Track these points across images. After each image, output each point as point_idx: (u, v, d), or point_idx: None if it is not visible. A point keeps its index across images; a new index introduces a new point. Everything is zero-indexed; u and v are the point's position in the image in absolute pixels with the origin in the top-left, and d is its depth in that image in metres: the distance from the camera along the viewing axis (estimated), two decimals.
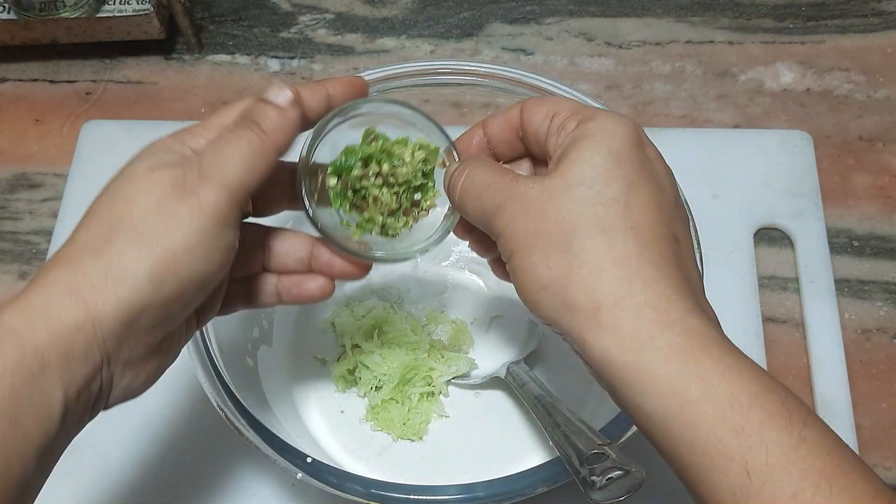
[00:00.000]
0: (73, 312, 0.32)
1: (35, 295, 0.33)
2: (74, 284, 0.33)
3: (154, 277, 0.33)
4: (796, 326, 0.60)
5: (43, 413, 0.32)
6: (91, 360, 0.33)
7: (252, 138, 0.36)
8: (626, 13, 0.76)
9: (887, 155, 0.67)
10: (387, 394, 0.55)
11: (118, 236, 0.34)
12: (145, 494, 0.55)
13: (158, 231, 0.33)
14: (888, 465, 0.55)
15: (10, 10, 0.70)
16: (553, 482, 0.43)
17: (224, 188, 0.34)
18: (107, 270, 0.33)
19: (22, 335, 0.32)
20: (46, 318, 0.32)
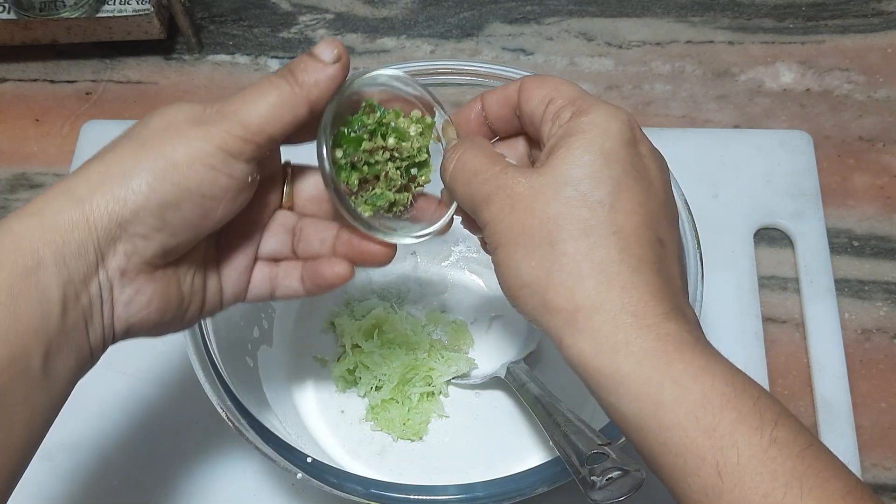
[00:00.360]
0: (68, 210, 0.33)
1: (35, 201, 0.34)
2: (72, 185, 0.34)
3: (150, 180, 0.34)
4: (796, 326, 0.60)
5: (42, 309, 0.32)
6: (86, 258, 0.34)
7: (283, 87, 0.36)
8: (626, 13, 0.76)
9: (887, 155, 0.67)
10: (387, 394, 0.55)
11: (124, 145, 0.35)
12: (145, 494, 0.55)
13: (162, 143, 0.34)
14: (888, 465, 0.55)
15: (10, 10, 0.70)
16: (553, 482, 0.43)
17: (239, 124, 0.35)
18: (105, 172, 0.34)
19: (17, 233, 0.33)
20: (41, 217, 0.33)
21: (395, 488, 0.43)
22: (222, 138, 0.35)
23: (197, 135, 0.35)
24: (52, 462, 0.55)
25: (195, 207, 0.35)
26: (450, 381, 0.56)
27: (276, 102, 0.36)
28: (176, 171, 0.34)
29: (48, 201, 0.34)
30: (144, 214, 0.34)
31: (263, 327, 0.56)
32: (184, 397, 0.57)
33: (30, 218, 0.33)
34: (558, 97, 0.37)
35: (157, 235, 0.35)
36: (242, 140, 0.35)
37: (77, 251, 0.33)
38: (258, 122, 0.35)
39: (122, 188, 0.34)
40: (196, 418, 0.56)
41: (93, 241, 0.33)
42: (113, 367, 0.59)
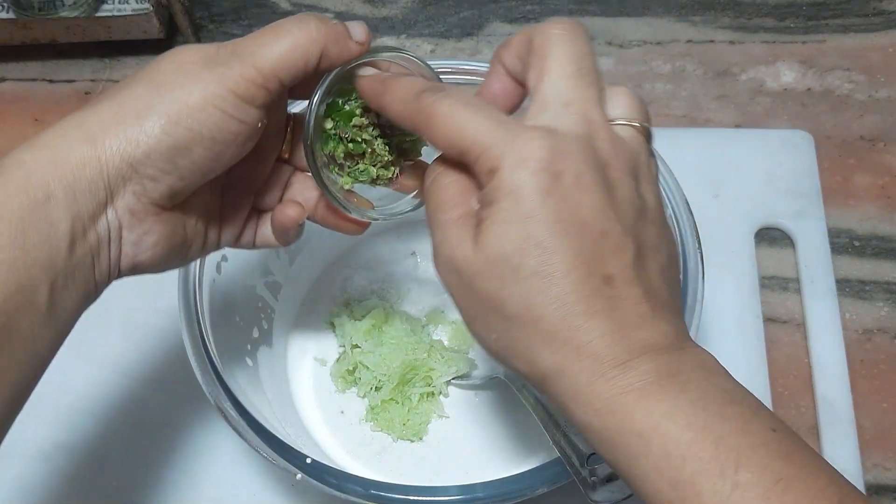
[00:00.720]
0: (81, 147, 0.34)
1: (46, 134, 0.34)
2: (84, 122, 0.34)
3: (164, 123, 0.34)
4: (797, 327, 0.60)
5: (51, 243, 0.33)
6: (96, 195, 0.34)
7: (299, 35, 0.36)
8: (627, 12, 0.76)
9: (888, 155, 0.67)
10: (387, 394, 0.55)
11: (137, 85, 0.35)
12: (144, 495, 0.55)
13: (176, 84, 0.35)
14: (888, 465, 0.55)
15: (9, 9, 0.70)
16: (553, 483, 0.43)
17: (253, 66, 0.35)
18: (118, 111, 0.34)
19: (28, 165, 0.33)
20: (53, 151, 0.33)
21: (395, 489, 0.43)
22: (236, 82, 0.35)
23: (211, 78, 0.35)
24: (51, 463, 0.55)
25: (205, 151, 0.35)
26: (450, 382, 0.56)
27: (291, 47, 0.36)
28: (190, 115, 0.34)
29: (60, 135, 0.34)
30: (156, 157, 0.34)
31: (263, 327, 0.56)
32: (183, 398, 0.57)
33: (41, 151, 0.33)
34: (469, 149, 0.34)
35: (167, 178, 0.35)
36: (255, 85, 0.35)
37: (87, 188, 0.34)
38: (270, 65, 0.35)
39: (136, 129, 0.34)
40: (195, 419, 0.56)
41: (103, 180, 0.34)
42: (112, 367, 0.59)
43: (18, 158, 0.33)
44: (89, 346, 0.59)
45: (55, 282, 0.33)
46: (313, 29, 0.36)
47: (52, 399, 0.57)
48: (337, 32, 0.37)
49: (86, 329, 0.59)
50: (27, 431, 0.56)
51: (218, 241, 0.42)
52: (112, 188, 0.34)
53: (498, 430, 0.55)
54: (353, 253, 0.62)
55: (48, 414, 0.57)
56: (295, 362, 0.58)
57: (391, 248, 0.62)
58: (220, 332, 0.50)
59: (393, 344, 0.56)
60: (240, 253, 0.54)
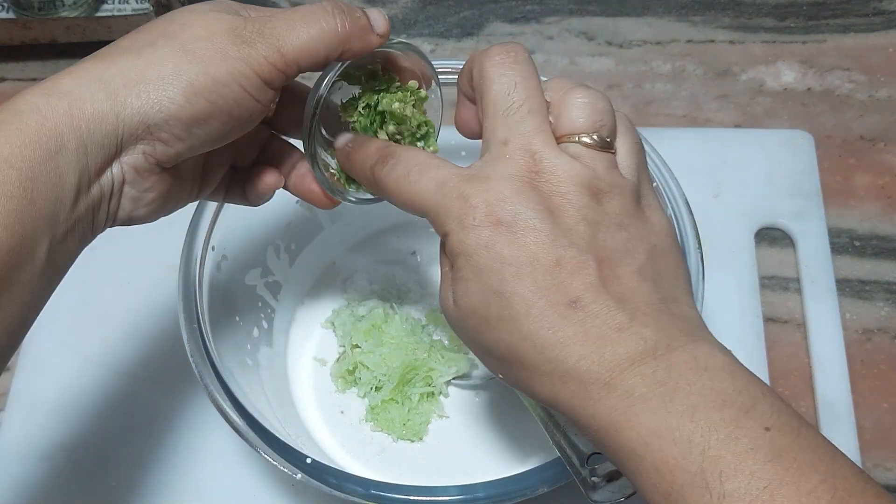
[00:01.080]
0: (100, 100, 0.33)
1: (64, 79, 0.34)
2: (107, 75, 0.34)
3: (188, 93, 0.34)
4: (797, 327, 0.60)
5: (57, 195, 0.32)
6: (106, 151, 0.34)
7: (326, 26, 0.36)
8: (627, 12, 0.76)
9: (889, 155, 0.67)
10: (387, 394, 0.55)
11: (164, 45, 0.35)
12: (144, 495, 0.55)
13: (205, 55, 0.34)
14: (889, 465, 0.55)
15: (9, 9, 0.70)
16: (553, 483, 0.43)
17: (278, 51, 0.35)
18: (143, 70, 0.34)
19: (43, 113, 0.32)
20: (70, 101, 0.33)
21: (395, 489, 0.43)
22: (260, 64, 0.35)
23: (238, 56, 0.35)
24: (52, 463, 0.55)
25: (220, 125, 0.36)
26: (450, 382, 0.56)
27: (317, 37, 0.36)
28: (214, 88, 0.35)
29: (79, 84, 0.33)
30: (174, 123, 0.35)
31: (263, 327, 0.56)
32: (183, 398, 0.57)
33: (58, 99, 0.33)
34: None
35: (178, 144, 0.36)
36: (277, 69, 0.36)
37: (100, 142, 0.33)
38: (294, 53, 0.36)
39: (159, 93, 0.34)
40: (195, 419, 0.56)
41: (117, 136, 0.34)
42: (112, 367, 0.59)
43: (34, 104, 0.32)
44: (89, 346, 0.59)
45: (55, 235, 0.33)
46: (339, 22, 0.37)
47: (52, 399, 0.57)
48: (361, 27, 0.37)
49: (86, 329, 0.60)
50: (27, 431, 0.56)
51: (197, 196, 0.42)
52: (123, 145, 0.34)
53: (498, 430, 0.55)
54: (354, 253, 0.62)
55: (48, 414, 0.57)
56: (295, 362, 0.58)
57: (391, 248, 0.62)
58: (220, 332, 0.50)
59: (393, 344, 0.56)
60: (240, 253, 0.54)
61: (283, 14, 0.36)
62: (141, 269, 0.62)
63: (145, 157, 0.35)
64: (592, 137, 0.35)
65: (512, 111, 0.35)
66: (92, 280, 0.62)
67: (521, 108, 0.35)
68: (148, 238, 0.63)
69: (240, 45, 0.35)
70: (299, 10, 0.37)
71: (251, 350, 0.54)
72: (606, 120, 0.36)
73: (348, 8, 0.37)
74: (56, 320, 0.60)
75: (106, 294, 0.61)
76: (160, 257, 0.58)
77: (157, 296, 0.61)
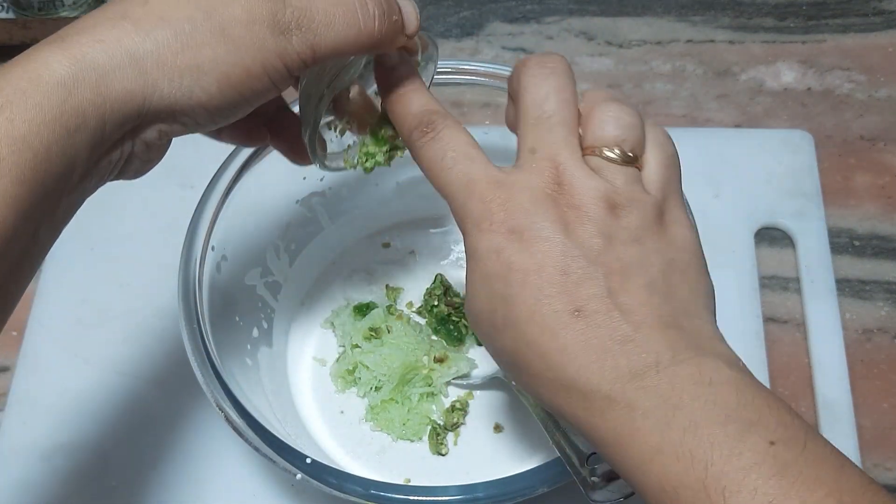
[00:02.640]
0: (129, 79, 0.32)
1: (90, 47, 0.31)
2: (140, 51, 0.32)
3: (222, 84, 0.33)
4: (797, 326, 0.60)
5: (66, 173, 0.31)
6: (124, 129, 0.33)
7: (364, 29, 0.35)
8: (627, 12, 0.76)
9: (888, 154, 0.67)
10: (386, 394, 0.55)
11: (202, 24, 0.33)
12: (144, 495, 0.55)
13: (243, 43, 0.33)
14: (889, 465, 0.55)
15: (8, 9, 0.70)
16: (553, 482, 0.43)
17: (311, 47, 0.34)
18: (179, 53, 0.32)
19: (68, 88, 0.30)
20: (98, 77, 0.31)
21: (395, 489, 0.43)
22: (292, 59, 0.34)
23: (274, 48, 0.34)
24: (51, 463, 0.55)
25: (239, 112, 0.35)
26: (450, 382, 0.56)
27: (353, 40, 0.35)
28: (247, 81, 0.34)
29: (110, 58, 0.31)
30: (200, 111, 0.34)
31: (263, 327, 0.56)
32: (182, 398, 0.57)
33: (86, 72, 0.31)
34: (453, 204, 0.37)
35: (196, 127, 0.35)
36: (304, 63, 0.35)
37: (120, 122, 0.32)
38: (326, 52, 0.35)
39: (192, 80, 0.33)
40: (195, 419, 0.56)
41: (139, 117, 0.33)
42: (112, 367, 0.59)
43: (60, 76, 0.30)
44: (89, 347, 0.59)
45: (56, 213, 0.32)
46: (378, 25, 0.36)
47: (52, 399, 0.57)
48: (395, 30, 0.37)
49: (86, 329, 0.60)
50: (27, 431, 0.56)
51: None
52: (142, 124, 0.33)
53: (498, 429, 0.55)
54: (354, 253, 0.62)
55: (48, 414, 0.57)
56: (295, 362, 0.58)
57: (391, 248, 0.62)
58: (220, 332, 0.50)
59: (393, 344, 0.56)
60: (240, 253, 0.54)
61: (322, 2, 0.35)
62: (141, 269, 0.62)
63: (160, 135, 0.35)
64: (615, 151, 0.35)
65: (542, 121, 0.36)
66: (92, 280, 0.62)
67: (552, 119, 0.36)
68: (148, 238, 0.63)
69: (277, 35, 0.34)
70: (339, 2, 0.35)
71: (251, 350, 0.54)
72: (630, 134, 0.36)
73: (386, 5, 0.36)
74: (56, 320, 0.60)
75: (106, 294, 0.61)
76: (160, 257, 0.58)
77: (157, 296, 0.61)
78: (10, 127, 0.29)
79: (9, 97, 0.30)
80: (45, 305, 0.61)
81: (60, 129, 0.30)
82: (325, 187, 0.58)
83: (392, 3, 0.37)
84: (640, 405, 0.31)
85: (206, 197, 0.51)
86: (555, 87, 0.36)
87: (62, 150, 0.30)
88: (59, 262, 0.62)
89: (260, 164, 0.53)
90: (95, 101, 0.31)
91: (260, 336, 0.56)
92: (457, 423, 0.55)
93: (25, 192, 0.30)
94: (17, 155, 0.29)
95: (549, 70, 0.37)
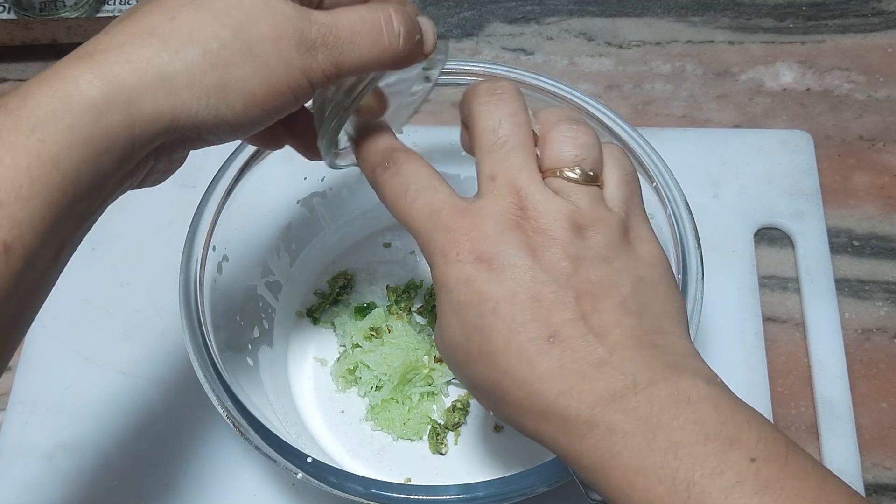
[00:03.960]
0: (159, 100, 0.31)
1: (121, 67, 0.31)
2: (170, 70, 0.31)
3: (247, 102, 0.33)
4: (796, 326, 0.60)
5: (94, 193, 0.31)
6: (151, 146, 0.32)
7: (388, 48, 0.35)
8: (627, 13, 0.76)
9: (888, 154, 0.67)
10: (387, 393, 0.55)
11: (231, 43, 0.32)
12: (145, 495, 0.55)
13: (270, 62, 0.33)
14: (888, 465, 0.55)
15: (9, 9, 0.70)
16: (553, 482, 0.43)
17: (336, 65, 0.34)
18: (208, 73, 0.32)
19: (99, 110, 0.30)
20: (130, 98, 0.30)
21: (395, 488, 0.43)
22: (317, 76, 0.34)
23: (300, 66, 0.33)
24: (52, 463, 0.55)
25: (261, 126, 0.35)
26: (450, 382, 0.56)
27: (377, 59, 0.35)
28: (271, 99, 0.33)
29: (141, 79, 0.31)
30: (224, 128, 0.33)
31: (263, 327, 0.56)
32: (184, 398, 0.57)
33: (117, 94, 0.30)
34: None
35: (218, 141, 0.35)
36: (328, 79, 0.35)
37: (148, 140, 0.32)
38: (349, 69, 0.35)
39: (219, 99, 0.32)
40: (196, 419, 0.56)
41: (167, 134, 0.32)
42: (113, 367, 0.59)
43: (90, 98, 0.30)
44: (90, 346, 0.59)
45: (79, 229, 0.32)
46: (402, 45, 0.36)
47: (54, 399, 0.58)
48: (417, 49, 0.37)
49: (86, 329, 0.60)
50: (29, 431, 0.56)
51: None
52: (169, 142, 0.33)
53: (498, 429, 0.55)
54: (354, 253, 0.62)
55: (49, 413, 0.57)
56: (295, 362, 0.58)
57: (392, 248, 0.62)
58: (221, 332, 0.50)
59: (393, 344, 0.56)
60: (241, 253, 0.54)
61: (347, 20, 0.34)
62: (141, 269, 0.62)
63: (182, 148, 0.34)
64: (575, 171, 0.35)
65: (497, 147, 0.36)
66: (92, 280, 0.62)
67: (507, 144, 0.35)
68: (148, 238, 0.63)
69: (304, 53, 0.33)
70: (365, 20, 0.35)
71: (252, 350, 0.54)
72: (588, 153, 0.36)
73: (410, 24, 0.36)
74: (56, 320, 0.60)
75: (106, 294, 0.62)
76: (161, 257, 0.58)
77: (157, 296, 0.61)
78: (41, 148, 0.29)
79: (40, 117, 0.29)
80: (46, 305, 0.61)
81: (91, 151, 0.30)
82: (325, 188, 0.58)
83: (415, 22, 0.37)
84: (620, 428, 0.31)
85: (207, 197, 0.52)
86: (507, 112, 0.36)
87: (91, 172, 0.30)
88: None
89: (261, 165, 0.53)
90: (125, 122, 0.30)
91: (261, 336, 0.56)
92: (457, 422, 0.55)
93: (53, 215, 0.29)
94: (46, 177, 0.29)
95: (498, 97, 0.37)
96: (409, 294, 0.59)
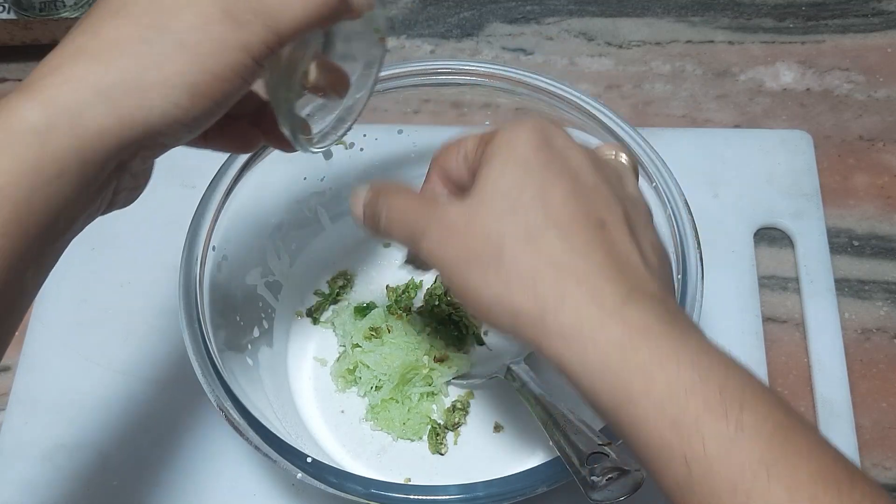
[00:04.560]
0: (102, 115, 0.30)
1: (58, 89, 0.30)
2: (104, 83, 0.31)
3: (192, 95, 0.32)
4: (796, 326, 0.60)
5: (52, 221, 0.30)
6: (107, 169, 0.31)
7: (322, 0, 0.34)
8: (627, 13, 0.76)
9: (887, 154, 0.67)
10: (387, 393, 0.55)
11: (158, 41, 0.31)
12: (145, 495, 0.55)
13: (204, 49, 0.32)
14: (888, 464, 0.55)
15: (10, 10, 0.70)
16: (553, 482, 0.43)
17: (275, 32, 0.33)
18: (143, 75, 0.31)
19: (43, 136, 0.29)
20: (71, 118, 0.30)
21: (395, 488, 0.43)
22: (259, 50, 0.33)
23: (237, 44, 0.32)
24: (52, 462, 0.55)
25: (214, 116, 0.34)
26: (450, 381, 0.56)
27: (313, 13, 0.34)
28: (217, 85, 0.33)
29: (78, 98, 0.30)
30: (177, 127, 0.33)
31: (263, 327, 0.56)
32: (184, 397, 0.57)
33: (58, 117, 0.30)
34: (468, 145, 0.38)
35: (176, 143, 0.34)
36: (270, 49, 0.34)
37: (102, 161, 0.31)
38: (289, 32, 0.34)
39: (163, 99, 0.31)
40: (196, 418, 0.56)
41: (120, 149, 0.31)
42: (113, 367, 0.59)
43: (31, 124, 0.29)
44: (89, 346, 0.59)
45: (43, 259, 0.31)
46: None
47: (53, 399, 0.58)
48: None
49: (86, 329, 0.60)
50: (28, 431, 0.56)
51: None
52: (125, 156, 0.32)
53: (498, 429, 0.55)
54: (354, 253, 0.62)
55: (49, 413, 0.57)
56: (295, 362, 0.58)
57: (392, 248, 0.62)
58: (221, 332, 0.50)
59: (393, 343, 0.56)
60: (241, 253, 0.54)
61: None
62: (141, 269, 0.62)
63: (143, 161, 0.34)
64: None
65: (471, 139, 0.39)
66: (92, 280, 0.62)
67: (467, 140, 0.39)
68: (148, 238, 0.63)
69: (237, 29, 0.32)
70: None
71: (251, 350, 0.54)
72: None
73: None
74: (56, 320, 0.60)
75: (106, 294, 0.62)
76: (160, 257, 0.58)
77: (157, 296, 0.61)
78: None
79: None
80: (45, 305, 0.61)
81: (41, 178, 0.29)
82: (325, 188, 0.58)
83: None
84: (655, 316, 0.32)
85: (207, 197, 0.52)
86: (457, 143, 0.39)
87: (44, 199, 0.29)
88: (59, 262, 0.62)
89: (261, 165, 0.53)
90: (73, 145, 0.30)
91: (260, 336, 0.56)
92: (457, 422, 0.55)
93: (8, 245, 0.29)
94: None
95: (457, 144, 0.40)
96: (408, 294, 0.59)
